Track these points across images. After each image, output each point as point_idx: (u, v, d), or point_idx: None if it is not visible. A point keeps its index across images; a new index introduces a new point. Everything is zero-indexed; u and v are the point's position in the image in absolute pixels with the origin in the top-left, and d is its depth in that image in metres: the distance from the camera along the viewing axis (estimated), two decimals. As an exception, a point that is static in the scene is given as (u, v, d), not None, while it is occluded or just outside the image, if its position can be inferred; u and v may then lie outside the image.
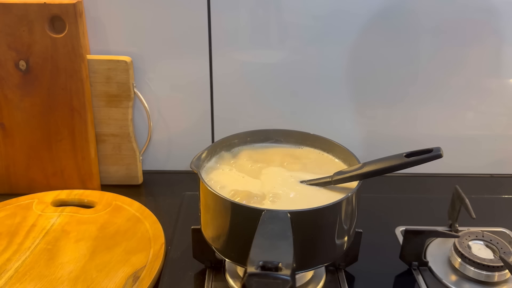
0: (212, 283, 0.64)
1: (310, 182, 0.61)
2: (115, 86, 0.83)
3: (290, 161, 0.68)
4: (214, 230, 0.58)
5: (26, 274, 0.65)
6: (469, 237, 0.69)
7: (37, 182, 0.87)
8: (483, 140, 0.94)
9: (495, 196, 0.90)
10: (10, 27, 0.78)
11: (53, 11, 0.77)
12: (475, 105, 0.90)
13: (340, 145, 0.66)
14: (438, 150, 0.52)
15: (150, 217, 0.78)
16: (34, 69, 0.80)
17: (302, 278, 0.63)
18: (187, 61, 0.85)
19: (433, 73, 0.87)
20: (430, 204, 0.85)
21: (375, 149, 0.93)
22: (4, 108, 0.82)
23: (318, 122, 0.91)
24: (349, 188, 0.59)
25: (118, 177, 0.90)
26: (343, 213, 0.55)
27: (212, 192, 0.55)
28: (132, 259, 0.68)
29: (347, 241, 0.58)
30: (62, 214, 0.78)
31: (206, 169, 0.64)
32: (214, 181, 0.62)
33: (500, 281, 0.65)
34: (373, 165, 0.56)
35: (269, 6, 0.82)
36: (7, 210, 0.79)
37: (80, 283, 0.63)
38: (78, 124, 0.83)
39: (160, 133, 0.91)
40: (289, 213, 0.50)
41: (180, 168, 0.94)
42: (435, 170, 0.95)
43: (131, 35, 0.83)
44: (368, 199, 0.68)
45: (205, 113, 0.89)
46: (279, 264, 0.42)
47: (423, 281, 0.66)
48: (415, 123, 0.92)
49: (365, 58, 0.86)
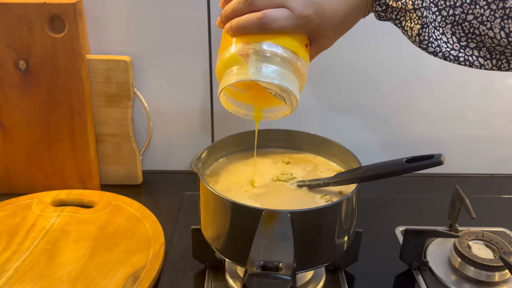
0: (212, 283, 0.64)
1: (309, 183, 0.61)
2: (114, 86, 0.83)
3: (290, 161, 0.68)
4: (214, 230, 0.58)
5: (26, 274, 0.65)
6: (469, 237, 0.69)
7: (36, 182, 0.87)
8: (483, 140, 0.94)
9: (495, 196, 0.90)
10: (10, 27, 0.78)
11: (53, 10, 0.77)
12: (475, 105, 0.90)
13: (341, 146, 0.66)
14: (439, 157, 0.52)
15: (150, 217, 0.78)
16: (33, 69, 0.80)
17: (302, 278, 0.63)
18: (187, 61, 0.85)
19: (433, 72, 0.87)
20: (430, 204, 0.85)
21: (375, 149, 0.93)
22: (4, 108, 0.82)
23: (318, 122, 0.91)
24: (349, 189, 0.59)
25: (117, 177, 0.89)
26: (343, 213, 0.55)
27: (212, 192, 0.55)
28: (132, 259, 0.68)
29: (347, 241, 0.58)
30: (62, 214, 0.78)
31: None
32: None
33: (500, 281, 0.65)
34: (373, 169, 0.56)
35: (269, 6, 0.81)
36: (6, 210, 0.79)
37: (80, 283, 0.63)
38: (77, 124, 0.83)
39: (160, 133, 0.91)
40: (290, 213, 0.50)
41: (180, 168, 0.94)
42: (435, 170, 0.94)
43: (131, 35, 0.83)
44: (368, 199, 0.68)
45: (205, 113, 0.89)
46: (279, 264, 0.42)
47: (423, 281, 0.66)
48: (415, 123, 0.92)
49: (365, 58, 0.86)
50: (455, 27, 0.50)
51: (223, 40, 0.55)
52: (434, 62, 0.86)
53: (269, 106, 0.60)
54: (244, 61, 0.52)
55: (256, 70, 0.51)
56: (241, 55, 0.52)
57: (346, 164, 0.65)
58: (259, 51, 0.51)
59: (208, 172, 0.65)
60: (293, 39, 0.52)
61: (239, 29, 0.52)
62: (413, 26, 0.50)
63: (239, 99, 0.59)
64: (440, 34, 0.50)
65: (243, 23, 0.51)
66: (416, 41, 0.51)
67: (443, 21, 0.50)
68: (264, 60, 0.51)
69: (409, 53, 0.85)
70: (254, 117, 0.61)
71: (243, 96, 0.59)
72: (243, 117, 0.61)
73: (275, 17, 0.50)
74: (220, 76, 0.55)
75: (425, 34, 0.50)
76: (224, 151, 0.69)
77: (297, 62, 0.53)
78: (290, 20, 0.51)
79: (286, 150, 0.71)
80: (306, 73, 0.55)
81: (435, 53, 0.51)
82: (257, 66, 0.51)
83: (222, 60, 0.54)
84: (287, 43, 0.52)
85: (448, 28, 0.50)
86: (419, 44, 0.51)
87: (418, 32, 0.50)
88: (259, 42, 0.51)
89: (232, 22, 0.53)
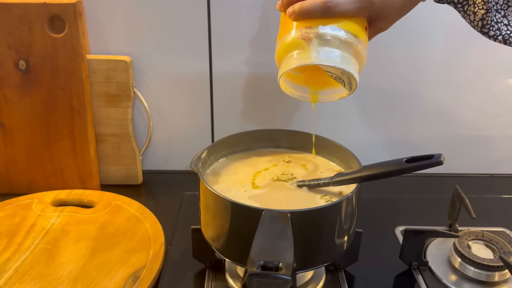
0: (212, 283, 0.64)
1: (309, 183, 0.61)
2: (115, 86, 0.83)
3: (289, 162, 0.68)
4: (214, 230, 0.58)
5: (26, 274, 0.65)
6: (469, 237, 0.69)
7: (36, 182, 0.87)
8: (483, 140, 0.94)
9: (495, 196, 0.90)
10: (10, 27, 0.78)
11: (53, 11, 0.77)
12: (475, 105, 0.90)
13: (341, 146, 0.66)
14: (439, 157, 0.52)
15: (150, 217, 0.78)
16: (34, 69, 0.80)
17: (302, 278, 0.63)
18: (187, 61, 0.85)
19: (433, 72, 0.87)
20: (430, 204, 0.85)
21: (375, 149, 0.93)
22: (4, 108, 0.82)
23: (318, 122, 0.90)
24: (349, 189, 0.59)
25: (118, 177, 0.89)
26: (343, 213, 0.55)
27: (212, 192, 0.55)
28: (132, 259, 0.68)
29: (347, 241, 0.58)
30: (62, 214, 0.78)
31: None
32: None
33: (500, 281, 0.65)
34: (373, 169, 0.56)
35: (269, 6, 0.81)
36: (6, 210, 0.79)
37: (80, 283, 0.63)
38: (78, 124, 0.83)
39: (160, 133, 0.91)
40: (290, 213, 0.50)
41: (180, 168, 0.94)
42: (435, 170, 0.94)
43: (131, 35, 0.83)
44: (368, 199, 0.68)
45: (205, 113, 0.89)
46: (279, 264, 0.42)
47: (423, 281, 0.66)
48: (414, 123, 0.92)
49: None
50: None
51: (283, 23, 0.56)
52: (434, 62, 0.87)
53: (324, 88, 0.61)
54: (306, 45, 0.53)
55: (319, 53, 0.52)
56: (304, 39, 0.52)
57: (346, 164, 0.65)
58: (321, 35, 0.52)
59: (208, 172, 0.65)
60: (354, 22, 0.53)
61: (302, 13, 0.53)
62: (477, 11, 0.50)
63: (295, 81, 0.60)
64: (501, 17, 0.50)
65: (306, 8, 0.52)
66: (479, 25, 0.51)
67: (505, 3, 0.50)
68: (326, 43, 0.52)
69: (409, 53, 0.85)
70: (310, 99, 0.62)
71: (298, 78, 0.60)
72: (299, 99, 0.61)
73: (339, 1, 0.51)
74: (280, 59, 0.56)
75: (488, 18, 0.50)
76: (224, 151, 0.69)
77: (358, 45, 0.53)
78: (353, 4, 0.52)
79: (286, 150, 0.71)
80: (366, 56, 0.56)
81: (495, 37, 0.51)
82: (319, 49, 0.52)
83: (284, 44, 0.54)
84: (349, 26, 0.53)
85: (510, 10, 0.50)
86: (481, 29, 0.51)
87: (482, 17, 0.50)
88: (322, 26, 0.52)
89: (295, 6, 0.53)
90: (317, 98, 0.62)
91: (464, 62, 0.86)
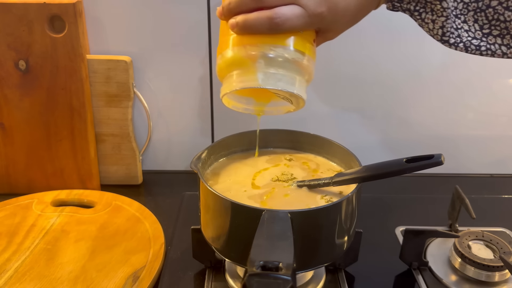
0: (212, 283, 0.64)
1: (309, 183, 0.61)
2: (114, 86, 0.83)
3: (289, 161, 0.68)
4: (214, 230, 0.58)
5: (26, 274, 0.65)
6: (469, 237, 0.69)
7: (36, 182, 0.87)
8: (483, 140, 0.94)
9: (495, 196, 0.89)
10: (10, 27, 0.78)
11: (53, 10, 0.77)
12: (475, 105, 0.90)
13: (341, 146, 0.66)
14: (439, 157, 0.52)
15: (150, 217, 0.78)
16: (33, 69, 0.80)
17: (302, 278, 0.63)
18: (187, 61, 0.85)
19: (433, 72, 0.87)
20: (430, 204, 0.85)
21: (375, 149, 0.93)
22: (4, 108, 0.82)
23: (318, 122, 0.90)
24: (349, 189, 0.59)
25: (117, 177, 0.89)
26: (343, 213, 0.55)
27: (212, 192, 0.55)
28: (132, 259, 0.68)
29: (347, 241, 0.58)
30: (62, 214, 0.78)
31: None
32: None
33: (500, 281, 0.65)
34: (373, 169, 0.56)
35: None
36: (6, 210, 0.79)
37: (80, 283, 0.63)
38: (77, 124, 0.83)
39: (160, 133, 0.91)
40: (290, 213, 0.50)
41: (180, 168, 0.94)
42: (435, 170, 0.94)
43: (131, 35, 0.83)
44: (368, 199, 0.68)
45: (205, 113, 0.89)
46: (279, 264, 0.42)
47: (423, 281, 0.66)
48: (415, 123, 0.92)
49: (364, 59, 0.86)
50: (477, 14, 0.47)
51: (224, 34, 0.52)
52: (434, 62, 0.87)
53: (271, 100, 0.58)
54: (251, 64, 0.49)
55: (265, 76, 0.49)
56: (248, 58, 0.49)
57: (346, 164, 0.65)
58: (267, 54, 0.49)
59: (208, 172, 0.65)
60: (302, 38, 0.50)
61: (246, 28, 0.48)
62: (436, 18, 0.47)
63: (238, 93, 0.56)
64: (461, 23, 0.48)
65: (251, 23, 0.48)
66: (439, 33, 0.48)
67: (465, 8, 0.47)
68: (273, 64, 0.49)
69: (409, 53, 0.85)
70: (255, 111, 0.58)
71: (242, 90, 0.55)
72: (243, 112, 0.57)
73: (287, 17, 0.47)
74: (222, 75, 0.52)
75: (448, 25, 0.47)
76: (224, 151, 0.69)
77: (306, 63, 0.51)
78: (302, 19, 0.48)
79: (286, 150, 0.71)
80: (314, 70, 0.53)
81: (455, 44, 0.48)
82: (266, 71, 0.49)
83: (226, 60, 0.51)
84: (297, 43, 0.50)
85: (470, 15, 0.48)
86: (441, 37, 0.48)
87: (442, 25, 0.47)
88: (268, 44, 0.48)
89: (238, 19, 0.49)
90: (262, 111, 0.58)
91: (464, 62, 0.86)
